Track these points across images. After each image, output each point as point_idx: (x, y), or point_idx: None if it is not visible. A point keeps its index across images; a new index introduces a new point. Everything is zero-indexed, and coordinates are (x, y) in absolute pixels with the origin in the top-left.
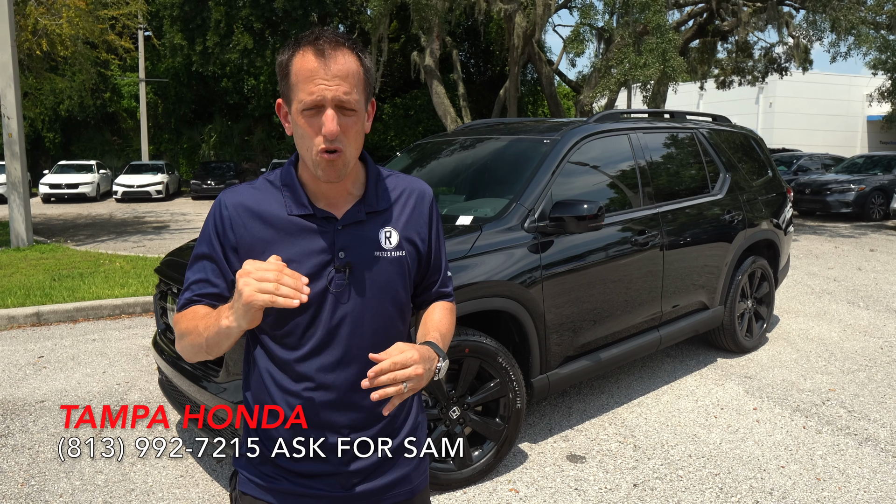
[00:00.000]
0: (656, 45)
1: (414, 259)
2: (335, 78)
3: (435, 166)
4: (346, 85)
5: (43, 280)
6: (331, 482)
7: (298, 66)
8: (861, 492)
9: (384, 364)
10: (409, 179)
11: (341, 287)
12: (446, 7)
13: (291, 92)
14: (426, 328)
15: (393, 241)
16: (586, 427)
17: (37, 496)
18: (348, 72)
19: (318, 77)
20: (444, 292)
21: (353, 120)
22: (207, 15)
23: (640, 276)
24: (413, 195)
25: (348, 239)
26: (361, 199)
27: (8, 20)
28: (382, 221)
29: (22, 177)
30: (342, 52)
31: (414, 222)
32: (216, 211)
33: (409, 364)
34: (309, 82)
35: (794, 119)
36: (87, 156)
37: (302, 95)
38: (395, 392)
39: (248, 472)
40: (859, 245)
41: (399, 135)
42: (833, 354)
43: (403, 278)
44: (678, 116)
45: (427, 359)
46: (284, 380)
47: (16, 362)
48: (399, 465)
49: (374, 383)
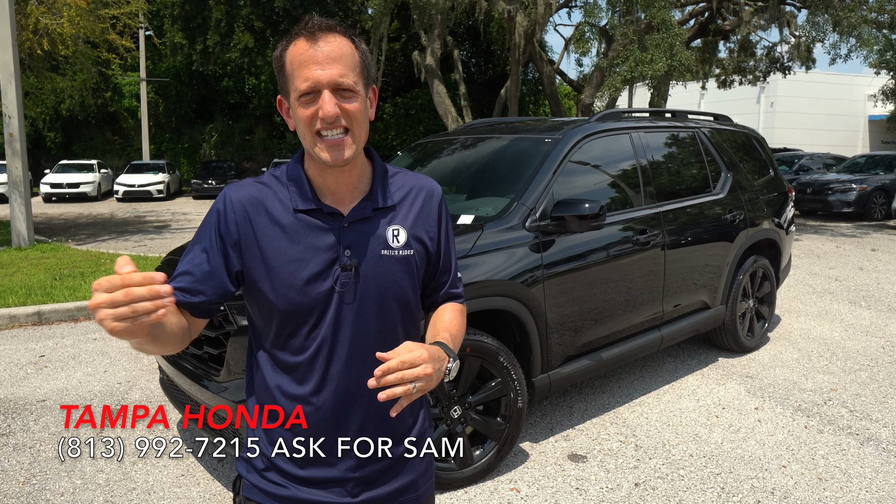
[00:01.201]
0: (662, 39)
1: (423, 258)
2: (328, 59)
3: (436, 165)
4: (341, 66)
5: (44, 279)
6: (337, 489)
7: (292, 55)
8: (863, 491)
9: (392, 363)
10: (417, 177)
11: (347, 286)
12: (448, 6)
13: (288, 83)
14: (436, 329)
15: (401, 239)
16: (587, 426)
17: (38, 495)
18: (342, 53)
19: (311, 62)
20: (454, 293)
21: (353, 102)
22: (208, 14)
23: (642, 276)
24: (422, 193)
25: (354, 236)
26: (368, 195)
27: (9, 20)
28: (390, 219)
29: (23, 176)
30: (333, 36)
31: (423, 221)
32: (220, 205)
33: (417, 363)
34: (303, 68)
35: (795, 119)
36: (88, 155)
37: (297, 83)
38: (404, 392)
39: (252, 478)
40: (861, 245)
41: (400, 134)
42: (835, 354)
43: (411, 278)
44: (680, 116)
45: (437, 359)
46: (289, 384)
47: (17, 361)
48: (406, 472)
49: (381, 382)
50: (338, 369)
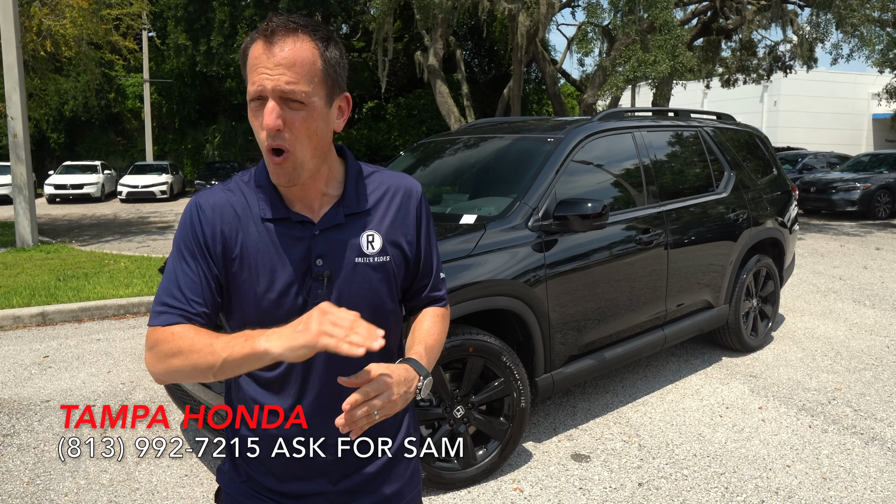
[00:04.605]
0: (665, 41)
1: (400, 264)
2: (278, 66)
3: (439, 165)
4: (291, 74)
5: (48, 280)
6: (319, 501)
7: (250, 55)
8: (868, 491)
9: (358, 396)
10: (394, 176)
11: (319, 298)
12: (450, 5)
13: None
14: (412, 339)
15: (376, 245)
16: (591, 426)
17: (42, 495)
18: (295, 60)
19: (260, 65)
20: (435, 296)
21: (301, 115)
22: (211, 15)
23: (645, 275)
24: (399, 194)
25: (326, 245)
26: (340, 199)
27: (13, 22)
28: (364, 224)
29: (27, 177)
30: (294, 38)
31: (400, 223)
32: (193, 213)
33: (381, 391)
34: (253, 71)
35: (798, 117)
36: (92, 156)
37: (248, 86)
38: (367, 423)
39: (233, 491)
40: (865, 244)
41: (403, 134)
42: (839, 353)
43: (389, 285)
44: (682, 115)
45: (403, 381)
46: (265, 396)
47: (21, 362)
48: (390, 481)
49: (348, 420)
50: (314, 382)
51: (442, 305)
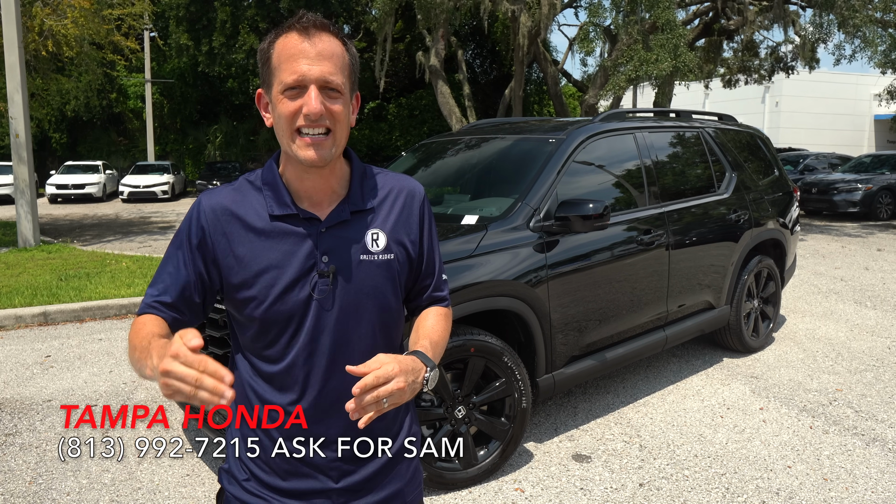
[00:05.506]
0: (667, 40)
1: (404, 263)
2: (319, 56)
3: (440, 166)
4: (331, 65)
5: (50, 280)
6: (320, 500)
7: (281, 47)
8: (868, 492)
9: (367, 379)
10: (397, 178)
11: (325, 293)
12: (452, 5)
13: (272, 76)
14: (417, 335)
15: (380, 243)
16: (592, 427)
17: (44, 494)
18: (333, 53)
19: (301, 56)
20: (437, 297)
21: (339, 103)
22: (213, 15)
23: (646, 276)
24: (402, 194)
25: (332, 242)
26: (346, 197)
27: (15, 22)
28: (369, 222)
29: (29, 177)
30: (327, 34)
31: (403, 223)
32: (194, 216)
33: (390, 378)
34: (291, 61)
35: (800, 118)
36: (94, 156)
37: (283, 76)
38: (375, 409)
39: (235, 491)
40: (866, 245)
41: (404, 135)
42: (840, 354)
43: (392, 283)
44: (684, 116)
45: (411, 370)
46: (267, 391)
47: (23, 361)
48: (392, 481)
49: (358, 406)
50: (317, 378)
51: (444, 306)
